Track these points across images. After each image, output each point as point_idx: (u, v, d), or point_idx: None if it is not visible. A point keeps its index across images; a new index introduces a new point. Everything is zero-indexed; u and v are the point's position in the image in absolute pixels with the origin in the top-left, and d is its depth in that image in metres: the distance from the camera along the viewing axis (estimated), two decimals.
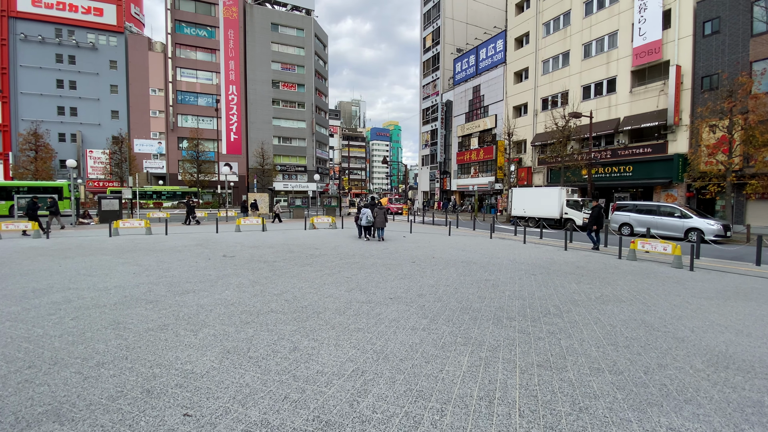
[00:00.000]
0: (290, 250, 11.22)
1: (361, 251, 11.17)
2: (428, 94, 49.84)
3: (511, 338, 4.27)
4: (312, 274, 7.67)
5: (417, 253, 10.94)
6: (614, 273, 8.71)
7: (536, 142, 31.99)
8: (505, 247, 12.85)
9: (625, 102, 26.43)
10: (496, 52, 37.62)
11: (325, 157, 65.01)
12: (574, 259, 10.77)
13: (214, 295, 5.95)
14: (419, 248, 12.12)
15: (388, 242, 13.56)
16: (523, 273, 8.32)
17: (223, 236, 15.05)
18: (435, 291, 6.39)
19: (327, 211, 30.28)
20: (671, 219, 17.04)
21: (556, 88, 31.09)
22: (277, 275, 7.47)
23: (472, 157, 40.20)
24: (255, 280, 6.99)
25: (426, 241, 14.33)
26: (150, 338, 4.08)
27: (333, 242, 13.36)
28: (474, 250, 12.04)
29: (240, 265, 8.63)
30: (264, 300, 5.66)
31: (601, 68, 27.93)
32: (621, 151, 26.30)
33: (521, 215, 23.82)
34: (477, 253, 11.20)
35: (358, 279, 7.23)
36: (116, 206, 23.28)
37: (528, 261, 10.06)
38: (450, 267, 8.80)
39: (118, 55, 49.26)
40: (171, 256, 9.91)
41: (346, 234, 16.54)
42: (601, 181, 27.24)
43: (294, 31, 56.88)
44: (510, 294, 6.34)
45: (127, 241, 13.38)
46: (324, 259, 9.67)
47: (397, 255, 10.55)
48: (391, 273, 7.89)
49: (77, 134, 47.99)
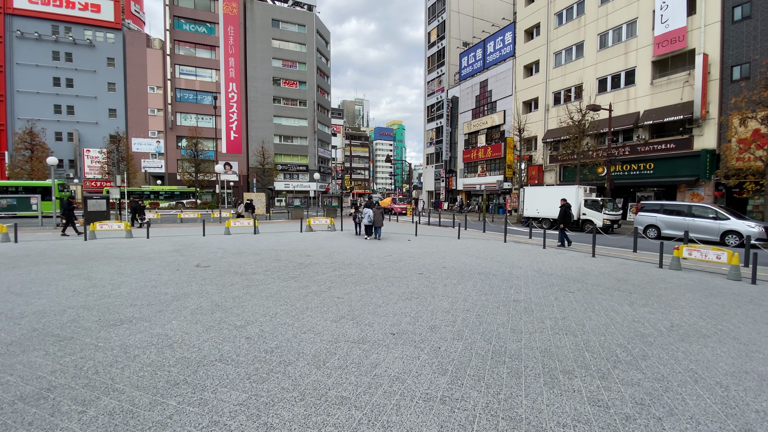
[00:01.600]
0: (277, 257, 9.70)
1: (360, 258, 9.64)
2: (433, 91, 48.21)
3: (584, 417, 2.70)
4: (295, 292, 6.14)
5: (424, 261, 9.38)
6: (667, 288, 7.10)
7: (548, 139, 30.28)
8: (524, 253, 11.26)
9: (645, 95, 24.68)
10: (504, 45, 35.92)
11: (328, 156, 63.60)
12: (609, 268, 9.16)
13: (154, 327, 4.43)
14: (426, 255, 10.55)
15: (390, 246, 12.04)
16: (556, 289, 6.74)
17: (208, 240, 13.59)
18: (452, 320, 4.83)
19: (327, 211, 28.80)
20: (705, 221, 15.34)
21: (570, 81, 29.35)
22: (250, 294, 5.95)
23: (479, 155, 38.54)
24: (219, 303, 5.47)
25: (433, 245, 12.77)
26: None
27: (329, 247, 11.84)
28: (489, 256, 10.46)
29: (210, 278, 7.13)
30: (218, 337, 4.13)
31: (618, 59, 26.18)
32: (641, 148, 24.54)
33: (534, 216, 22.19)
34: (494, 261, 9.62)
35: (352, 300, 5.69)
36: (103, 207, 21.89)
37: (556, 271, 8.47)
38: (465, 280, 7.24)
39: (116, 53, 48.14)
40: (136, 265, 8.44)
41: (345, 236, 15.02)
42: (620, 179, 25.49)
43: (295, 27, 55.51)
44: (552, 324, 4.76)
45: (99, 246, 11.95)
46: (315, 269, 8.14)
47: (401, 264, 9.01)
48: (394, 290, 6.34)
49: (74, 133, 46.93)
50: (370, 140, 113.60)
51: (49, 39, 45.88)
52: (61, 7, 45.81)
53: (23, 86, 45.22)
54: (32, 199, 22.29)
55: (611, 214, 19.12)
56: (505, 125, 35.45)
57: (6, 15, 44.12)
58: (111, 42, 48.11)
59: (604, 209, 19.06)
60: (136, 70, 48.66)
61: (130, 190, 43.70)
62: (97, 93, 47.58)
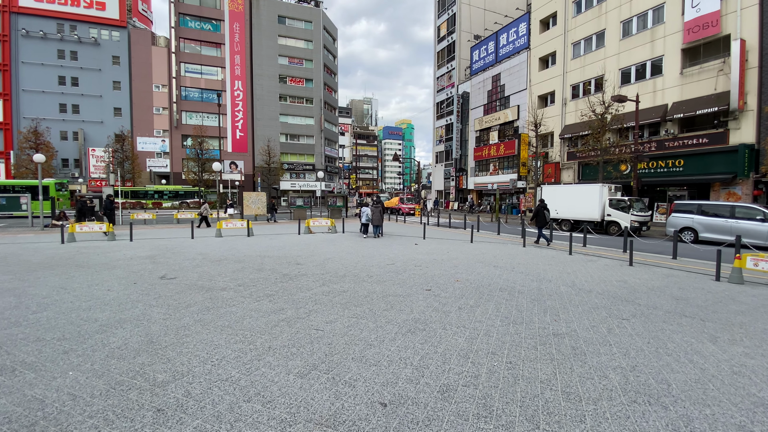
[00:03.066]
0: (261, 266, 8.32)
1: (357, 268, 8.20)
2: (443, 87, 46.54)
3: None
4: (263, 319, 4.72)
5: (433, 272, 7.90)
6: (744, 312, 5.49)
7: (565, 135, 28.45)
8: (549, 262, 9.68)
9: (674, 85, 22.74)
10: (518, 36, 34.13)
11: (335, 155, 62.37)
12: (656, 281, 7.55)
13: (36, 384, 3.04)
14: (435, 263, 9.06)
15: (395, 250, 10.58)
16: (604, 314, 5.20)
17: (194, 243, 12.31)
18: (473, 374, 3.34)
19: (332, 212, 27.46)
20: (752, 223, 13.52)
21: (589, 73, 27.48)
22: (203, 323, 4.54)
23: (492, 153, 36.79)
24: (155, 338, 4.07)
25: (443, 250, 11.26)
26: None
27: (325, 252, 10.42)
28: (509, 265, 8.92)
29: (167, 296, 5.76)
30: (115, 408, 2.71)
31: (643, 48, 24.26)
32: (669, 143, 22.61)
33: (552, 217, 20.48)
34: (516, 272, 8.08)
35: (335, 334, 4.25)
36: (98, 207, 20.93)
37: (595, 287, 6.90)
38: (485, 301, 5.74)
39: (121, 51, 47.60)
40: (91, 276, 7.14)
41: (347, 239, 13.60)
42: (645, 177, 23.58)
43: (302, 23, 54.37)
44: (621, 382, 3.24)
45: (70, 251, 10.74)
46: (300, 283, 6.73)
47: (405, 275, 7.53)
48: (394, 316, 4.88)
49: (79, 132, 46.52)
50: (379, 139, 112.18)
51: (54, 37, 45.52)
52: (66, 5, 45.41)
53: (28, 85, 44.94)
54: (22, 199, 21.41)
55: (639, 215, 17.36)
56: (519, 121, 33.67)
57: (11, 13, 43.86)
58: (116, 40, 47.60)
59: (632, 210, 17.31)
60: (141, 69, 48.07)
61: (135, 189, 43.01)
62: (102, 92, 47.11)
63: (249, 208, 23.45)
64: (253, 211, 23.76)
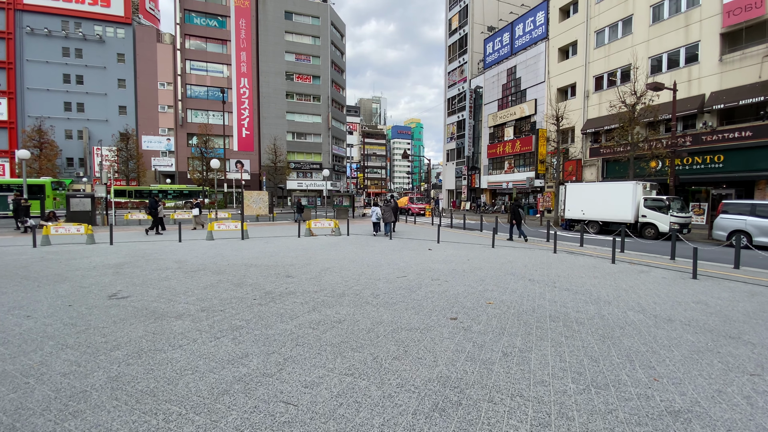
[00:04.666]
0: (243, 279, 6.78)
1: (360, 282, 6.61)
2: (454, 81, 44.72)
3: None
4: (211, 377, 3.16)
5: (456, 289, 6.26)
6: None
7: (588, 129, 26.48)
8: (591, 272, 7.96)
9: (711, 73, 20.68)
10: (535, 26, 32.20)
11: (343, 154, 60.95)
12: (743, 302, 5.77)
13: None
14: (456, 274, 7.42)
15: (406, 257, 8.98)
16: (716, 363, 3.52)
17: (178, 248, 10.86)
18: None
19: (338, 212, 25.94)
20: None
21: (615, 62, 25.48)
22: (117, 384, 2.99)
23: (506, 150, 34.89)
24: (24, 417, 2.54)
25: (463, 257, 9.61)
26: None
27: (324, 260, 8.87)
28: (547, 278, 7.22)
29: (98, 327, 4.24)
30: None
31: (677, 33, 22.22)
32: (706, 137, 20.56)
33: (578, 218, 18.68)
34: (560, 289, 6.39)
35: (313, 417, 2.66)
36: (88, 206, 19.74)
37: (670, 311, 5.19)
38: (537, 339, 4.10)
39: (126, 48, 46.85)
40: (25, 293, 5.68)
41: (352, 243, 12.02)
42: (679, 174, 21.52)
43: (309, 19, 53.07)
44: None
45: (35, 255, 9.37)
46: (284, 306, 5.16)
47: (420, 293, 5.92)
48: (409, 374, 3.28)
49: (84, 131, 45.89)
50: (388, 139, 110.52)
51: (59, 35, 44.95)
52: (70, 2, 44.81)
53: (33, 83, 44.44)
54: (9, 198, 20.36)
55: (680, 216, 15.44)
56: (536, 116, 31.74)
57: (16, 11, 43.36)
58: (121, 37, 46.87)
59: (671, 211, 15.41)
60: (146, 66, 47.25)
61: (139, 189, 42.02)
62: (107, 90, 46.42)
63: (250, 208, 22.06)
64: (254, 211, 22.37)
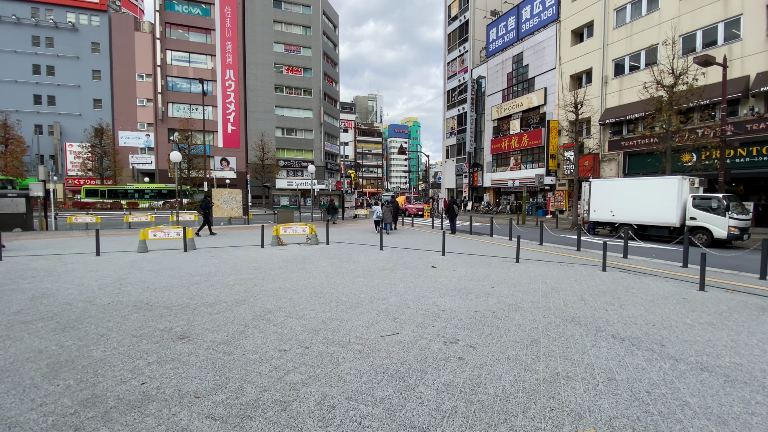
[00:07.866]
0: (83, 350, 3.69)
1: (306, 363, 3.53)
2: (454, 72, 41.65)
3: None
4: None
5: (495, 373, 3.18)
6: None
7: (607, 119, 23.49)
8: (687, 309, 4.88)
9: (756, 52, 17.71)
10: (545, 7, 29.19)
11: (336, 151, 57.77)
12: None
13: None
14: (485, 328, 4.36)
15: (407, 280, 5.89)
16: None
17: (87, 264, 7.73)
18: None
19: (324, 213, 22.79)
20: None
21: (638, 43, 22.48)
22: None
23: (512, 145, 31.87)
24: None
25: (481, 280, 6.54)
26: None
27: (272, 294, 5.75)
28: (640, 331, 4.15)
29: None
30: None
31: (713, 7, 19.26)
32: (752, 125, 17.58)
33: (606, 220, 15.68)
34: (682, 362, 3.32)
35: None
36: (21, 208, 16.52)
37: None
38: None
39: (101, 37, 43.48)
40: None
41: (329, 258, 8.90)
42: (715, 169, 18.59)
43: (299, 8, 49.93)
44: None
45: None
46: None
47: (424, 394, 2.84)
48: None
49: (54, 126, 42.50)
50: (384, 138, 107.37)
51: (29, 22, 41.58)
52: None
53: (0, 74, 40.99)
54: None
55: (740, 218, 12.43)
56: (546, 106, 28.73)
57: None
58: (96, 25, 43.51)
59: (728, 213, 12.39)
60: (123, 56, 43.93)
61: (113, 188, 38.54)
62: (80, 81, 43.05)
63: (220, 209, 18.89)
64: (225, 213, 19.20)
